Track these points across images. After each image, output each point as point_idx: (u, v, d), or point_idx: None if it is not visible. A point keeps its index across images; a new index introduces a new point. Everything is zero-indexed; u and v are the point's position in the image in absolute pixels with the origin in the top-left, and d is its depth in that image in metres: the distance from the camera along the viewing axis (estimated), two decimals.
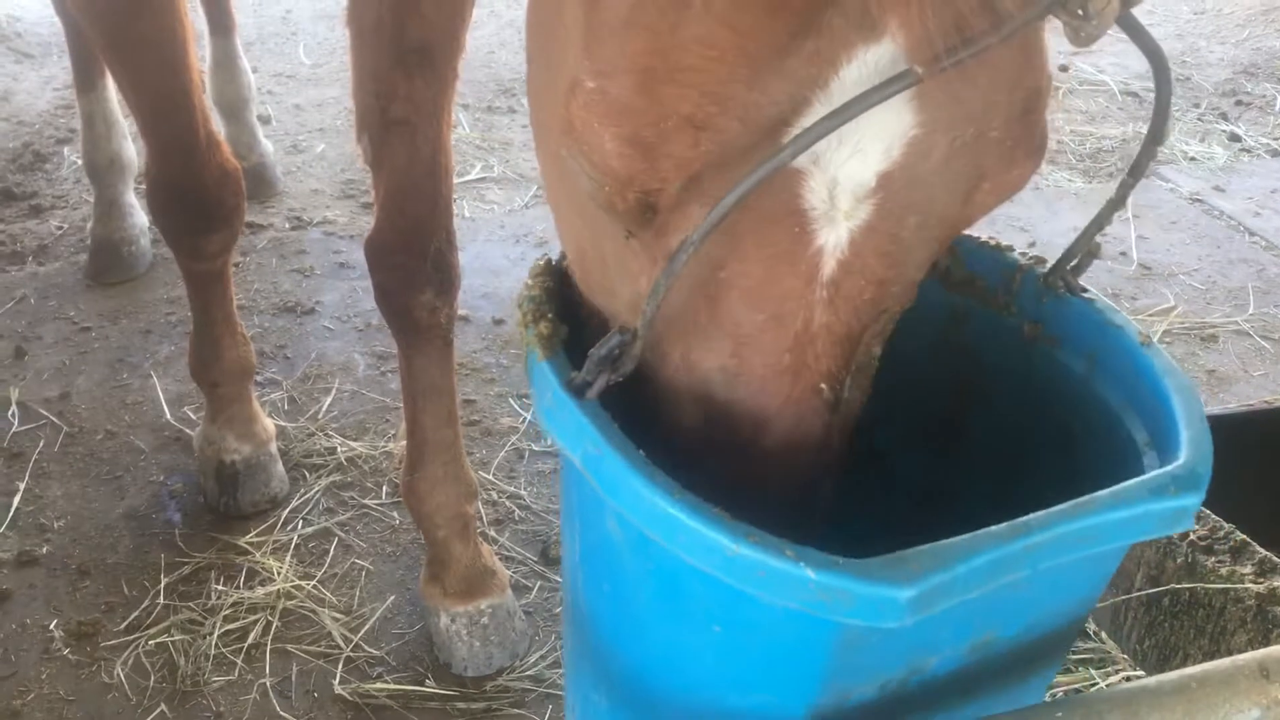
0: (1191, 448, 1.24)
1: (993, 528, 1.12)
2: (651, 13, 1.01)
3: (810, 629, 1.14)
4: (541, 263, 1.42)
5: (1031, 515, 1.14)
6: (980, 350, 1.53)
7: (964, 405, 1.57)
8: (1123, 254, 3.92)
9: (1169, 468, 1.22)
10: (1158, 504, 1.18)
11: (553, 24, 1.17)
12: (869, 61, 1.00)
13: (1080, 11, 0.99)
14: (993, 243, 1.52)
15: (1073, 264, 1.41)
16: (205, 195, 2.44)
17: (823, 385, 1.17)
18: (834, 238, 1.08)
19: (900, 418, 1.47)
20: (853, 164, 1.04)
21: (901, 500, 1.58)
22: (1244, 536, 1.89)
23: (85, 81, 3.60)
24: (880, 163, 1.04)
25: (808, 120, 1.01)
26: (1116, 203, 1.31)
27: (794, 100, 1.01)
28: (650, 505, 1.12)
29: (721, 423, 1.19)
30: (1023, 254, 1.49)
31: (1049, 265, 1.45)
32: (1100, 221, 1.34)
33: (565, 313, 1.35)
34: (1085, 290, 1.44)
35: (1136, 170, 1.26)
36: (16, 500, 2.79)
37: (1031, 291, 1.47)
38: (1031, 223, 4.07)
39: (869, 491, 1.42)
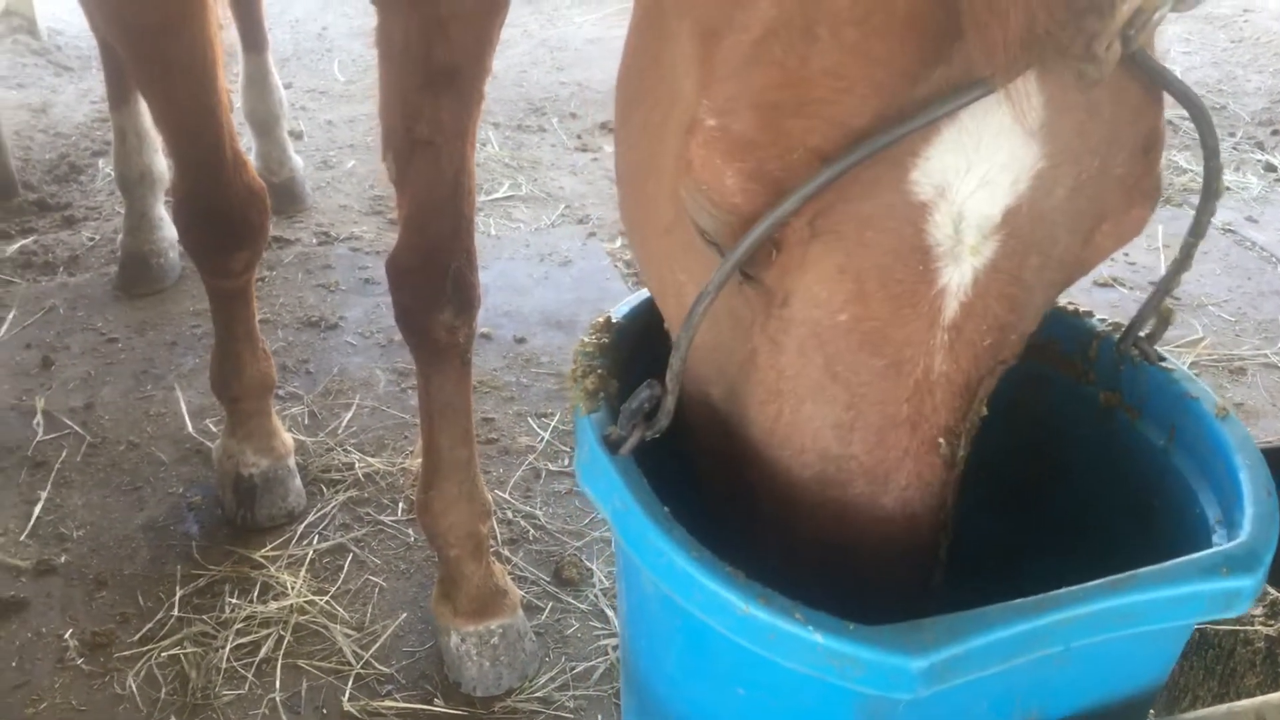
0: (1254, 525, 1.18)
1: (1020, 600, 1.07)
2: (777, 48, 0.99)
3: (830, 695, 1.09)
4: (600, 320, 1.41)
5: (1064, 589, 1.09)
6: (1057, 416, 1.48)
7: (1039, 471, 1.51)
8: (1152, 284, 3.88)
9: (1224, 546, 1.16)
10: (1207, 584, 1.11)
11: (655, 69, 1.16)
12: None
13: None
14: (1070, 308, 1.47)
15: (1147, 331, 1.36)
16: (230, 214, 2.47)
17: (940, 440, 1.12)
18: (958, 276, 1.05)
19: (972, 482, 1.40)
20: (980, 196, 1.01)
21: (967, 565, 1.48)
22: None
23: (118, 97, 3.65)
24: (1008, 196, 1.02)
25: (937, 150, 0.99)
26: (1181, 263, 1.25)
27: (923, 129, 0.99)
28: (668, 562, 1.11)
29: (833, 481, 1.15)
30: (1101, 320, 1.45)
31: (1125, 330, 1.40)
32: (1167, 285, 1.28)
33: (623, 371, 1.33)
34: (1164, 359, 1.38)
35: (1198, 229, 1.20)
36: (38, 509, 2.82)
37: (1109, 358, 1.42)
38: None
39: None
